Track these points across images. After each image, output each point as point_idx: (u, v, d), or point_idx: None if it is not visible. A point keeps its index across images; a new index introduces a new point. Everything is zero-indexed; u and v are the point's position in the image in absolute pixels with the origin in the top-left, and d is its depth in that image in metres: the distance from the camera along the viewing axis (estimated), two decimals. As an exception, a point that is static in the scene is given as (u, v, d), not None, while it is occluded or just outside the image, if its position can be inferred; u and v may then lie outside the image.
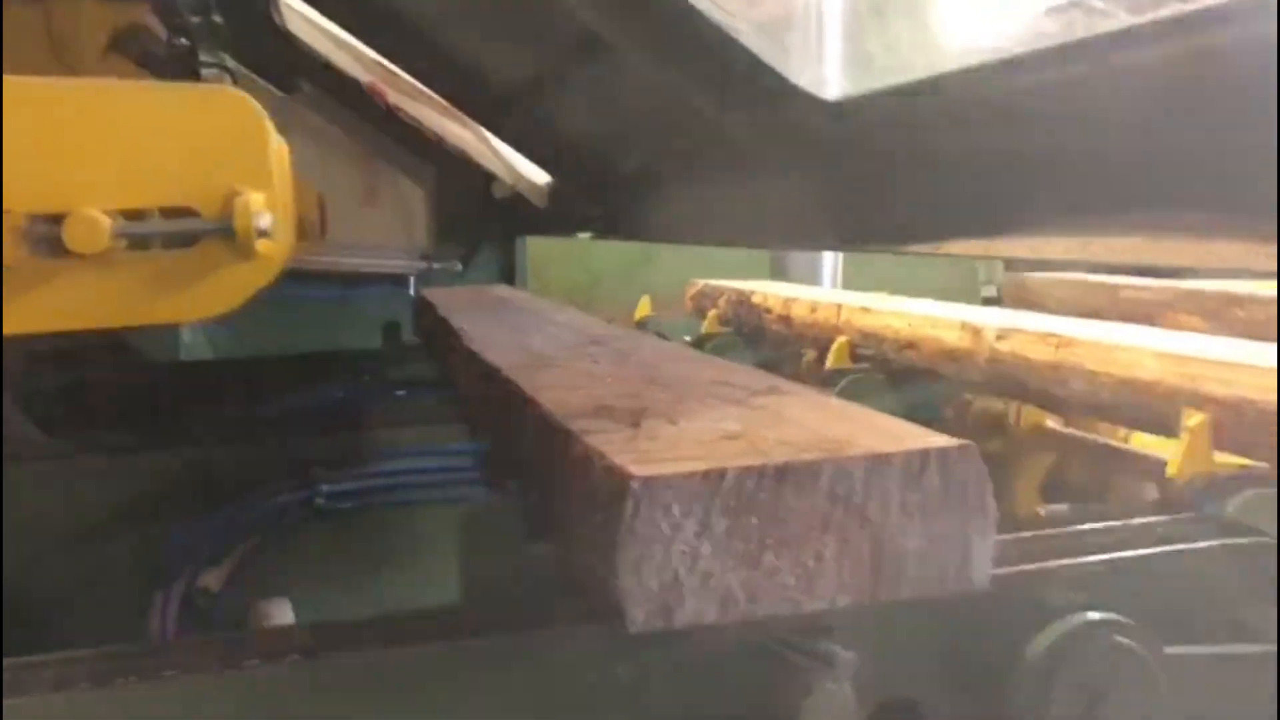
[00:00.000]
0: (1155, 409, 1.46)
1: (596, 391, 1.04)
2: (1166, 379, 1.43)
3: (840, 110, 1.44)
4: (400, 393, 2.32)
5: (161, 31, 1.94)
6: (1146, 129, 1.03)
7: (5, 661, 0.82)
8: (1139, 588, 1.01)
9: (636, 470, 0.71)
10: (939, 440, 0.77)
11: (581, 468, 0.81)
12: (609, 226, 2.72)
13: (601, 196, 2.67)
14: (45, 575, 1.54)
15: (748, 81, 1.50)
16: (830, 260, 4.00)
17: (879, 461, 0.75)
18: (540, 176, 3.28)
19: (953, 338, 1.88)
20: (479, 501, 1.55)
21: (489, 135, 3.23)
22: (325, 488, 1.66)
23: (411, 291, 3.74)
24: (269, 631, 1.45)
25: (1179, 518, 1.11)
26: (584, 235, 3.08)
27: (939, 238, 1.30)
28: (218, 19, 2.81)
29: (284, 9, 3.21)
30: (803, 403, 0.95)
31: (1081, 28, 1.05)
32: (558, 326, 1.62)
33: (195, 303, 0.85)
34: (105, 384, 2.26)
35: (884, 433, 0.82)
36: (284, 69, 3.46)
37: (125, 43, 1.68)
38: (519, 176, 3.30)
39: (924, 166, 1.30)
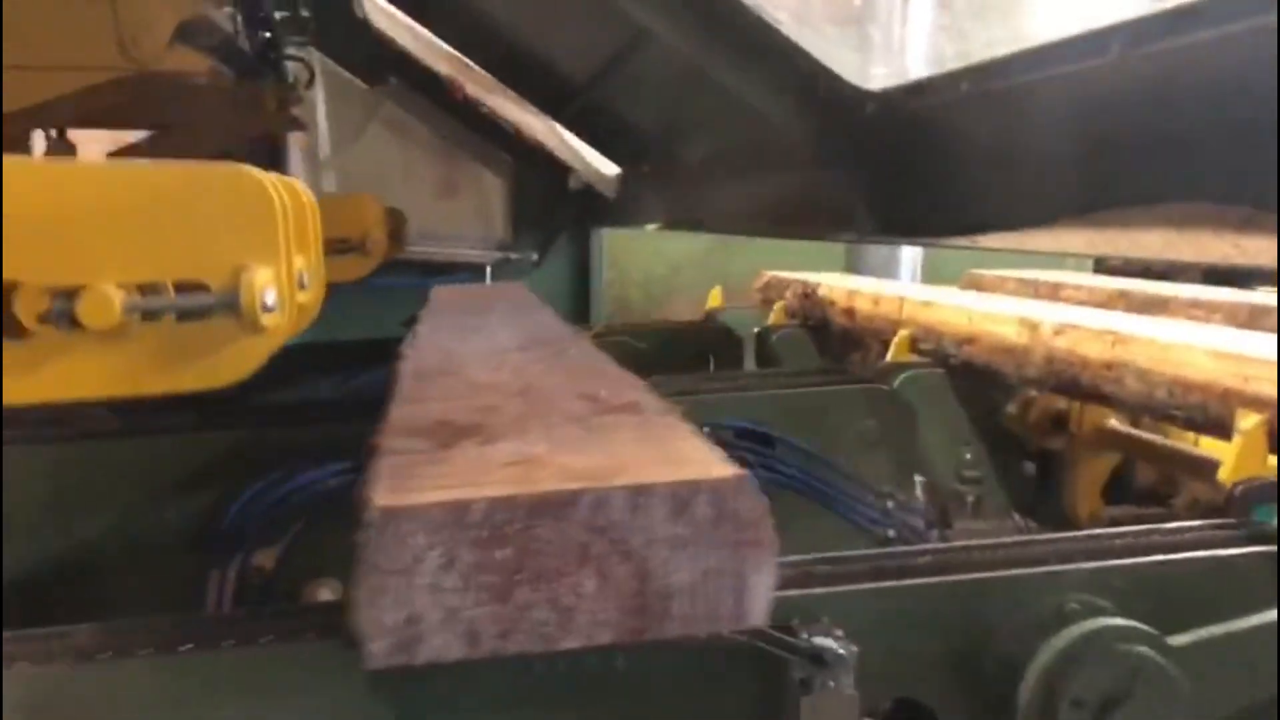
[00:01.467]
0: (1209, 409, 1.40)
1: (456, 405, 0.98)
2: (1221, 379, 1.38)
3: (884, 100, 1.42)
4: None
5: (231, 25, 1.98)
6: (1174, 121, 0.99)
7: (57, 629, 0.84)
8: (1161, 594, 0.97)
9: (380, 500, 0.68)
10: (712, 471, 0.72)
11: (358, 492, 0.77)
12: (673, 218, 2.72)
13: (665, 188, 2.67)
14: (102, 552, 1.59)
15: (793, 73, 1.49)
16: (909, 253, 3.91)
17: (641, 493, 0.70)
18: (609, 168, 3.30)
19: (1011, 333, 1.84)
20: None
21: (560, 127, 3.26)
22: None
23: (488, 281, 3.80)
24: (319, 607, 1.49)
25: (1211, 523, 1.06)
26: (651, 227, 3.08)
27: (974, 231, 1.27)
28: (304, 13, 2.88)
29: (366, 3, 3.28)
30: (640, 425, 0.89)
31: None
32: (514, 329, 1.57)
33: (203, 373, 0.87)
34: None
35: (673, 461, 0.76)
36: (369, 62, 3.55)
37: (191, 35, 1.72)
38: (589, 168, 3.32)
39: (960, 158, 1.27)
